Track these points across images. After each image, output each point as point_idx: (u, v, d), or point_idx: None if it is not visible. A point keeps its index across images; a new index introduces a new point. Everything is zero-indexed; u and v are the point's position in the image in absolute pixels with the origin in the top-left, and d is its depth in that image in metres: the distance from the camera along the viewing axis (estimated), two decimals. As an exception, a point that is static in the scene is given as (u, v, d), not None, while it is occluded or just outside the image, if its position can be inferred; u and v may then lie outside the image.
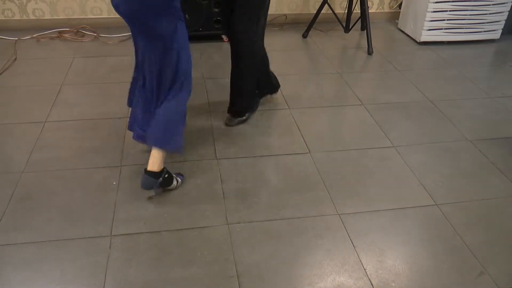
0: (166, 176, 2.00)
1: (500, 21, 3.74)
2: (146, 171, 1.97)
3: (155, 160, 1.95)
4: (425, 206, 2.06)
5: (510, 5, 3.67)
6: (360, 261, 1.77)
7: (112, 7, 1.91)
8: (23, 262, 1.71)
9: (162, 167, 1.99)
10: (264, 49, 2.56)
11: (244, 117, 2.60)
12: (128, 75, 3.05)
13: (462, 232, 1.92)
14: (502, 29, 3.79)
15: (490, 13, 3.68)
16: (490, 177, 2.26)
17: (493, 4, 3.64)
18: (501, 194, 2.15)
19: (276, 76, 2.78)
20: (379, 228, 1.93)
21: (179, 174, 2.13)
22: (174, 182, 2.06)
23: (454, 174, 2.27)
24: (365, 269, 1.74)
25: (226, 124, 2.57)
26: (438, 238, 1.89)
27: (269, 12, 3.99)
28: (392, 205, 2.05)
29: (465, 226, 1.95)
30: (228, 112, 2.60)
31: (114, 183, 2.11)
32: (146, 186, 1.98)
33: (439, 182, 2.21)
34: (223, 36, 3.64)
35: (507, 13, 3.71)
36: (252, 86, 2.56)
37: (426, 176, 2.24)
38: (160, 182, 1.98)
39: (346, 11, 3.77)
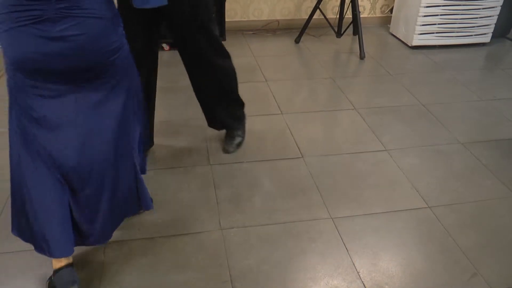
0: None
1: (490, 24, 3.78)
2: None
3: None
4: (418, 208, 2.08)
5: (500, 9, 3.71)
6: (354, 264, 1.78)
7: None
8: (17, 271, 1.71)
9: None
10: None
11: (238, 138, 2.42)
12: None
13: (455, 234, 1.93)
14: (492, 32, 3.83)
15: (480, 17, 3.72)
16: (482, 179, 2.28)
17: (483, 8, 3.68)
18: (493, 196, 2.17)
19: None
20: (372, 231, 1.94)
21: None
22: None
23: (447, 177, 2.29)
24: (358, 272, 1.74)
25: (226, 152, 2.40)
26: (431, 240, 1.91)
27: (262, 18, 4.06)
28: (385, 208, 2.06)
29: (457, 228, 1.97)
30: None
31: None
32: None
33: (432, 184, 2.22)
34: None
35: (496, 17, 3.75)
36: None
37: (418, 179, 2.26)
38: None
39: (338, 16, 3.80)
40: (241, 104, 2.37)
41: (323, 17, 3.76)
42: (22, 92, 1.42)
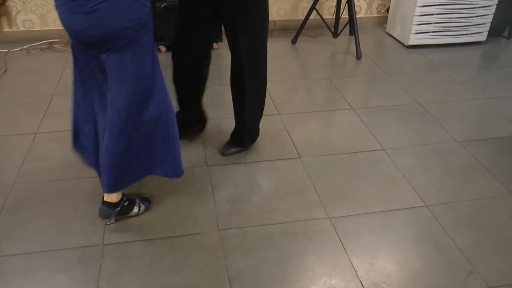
0: (125, 204, 1.95)
1: (485, 23, 3.79)
2: (103, 201, 1.91)
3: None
4: (415, 207, 2.08)
5: (495, 7, 3.72)
6: (351, 263, 1.78)
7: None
8: (16, 273, 1.71)
9: (120, 197, 1.92)
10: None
11: (241, 149, 2.42)
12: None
13: (451, 233, 1.94)
14: (488, 31, 3.84)
15: (476, 16, 3.73)
16: (478, 178, 2.29)
17: (478, 7, 3.69)
18: (489, 194, 2.17)
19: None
20: (369, 230, 1.95)
21: (144, 200, 2.04)
22: (135, 210, 1.98)
23: (444, 176, 2.29)
24: (356, 272, 1.75)
25: (222, 153, 2.40)
26: (428, 239, 1.91)
27: (259, 19, 4.05)
28: (383, 207, 2.07)
29: (454, 227, 1.98)
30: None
31: (105, 192, 2.12)
32: (103, 216, 1.93)
33: (429, 183, 2.23)
34: (213, 44, 3.66)
35: (492, 16, 3.76)
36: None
37: (416, 178, 2.26)
38: (118, 211, 1.93)
39: (334, 17, 3.80)
40: (259, 114, 2.38)
41: (319, 17, 3.77)
42: (77, 58, 1.72)
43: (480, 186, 2.23)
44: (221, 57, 3.54)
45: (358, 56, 3.59)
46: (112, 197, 1.90)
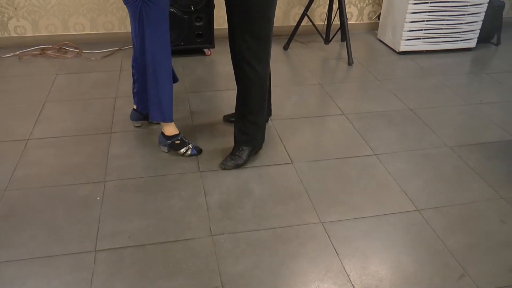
0: (176, 142, 2.38)
1: (475, 30, 3.84)
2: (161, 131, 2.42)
3: (163, 126, 2.39)
4: (407, 212, 2.10)
5: (484, 14, 3.77)
6: (344, 268, 1.79)
7: (94, 24, 1.88)
8: (7, 280, 1.70)
9: (173, 133, 2.38)
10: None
11: (239, 158, 2.35)
12: (111, 91, 3.07)
13: (443, 236, 1.96)
14: (477, 38, 3.89)
15: (465, 23, 3.78)
16: (469, 182, 2.31)
17: (467, 14, 3.74)
18: (480, 198, 2.20)
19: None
20: (362, 235, 1.96)
21: (195, 147, 2.42)
22: (182, 150, 2.39)
23: (435, 180, 2.31)
24: (348, 276, 1.76)
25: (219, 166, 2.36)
26: (420, 242, 1.93)
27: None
28: (375, 212, 2.08)
29: (446, 230, 1.99)
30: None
31: (98, 198, 2.11)
32: (158, 142, 2.46)
33: (421, 188, 2.25)
34: (205, 50, 3.67)
35: (481, 23, 3.81)
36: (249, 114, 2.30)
37: (407, 182, 2.28)
38: (169, 144, 2.40)
39: (325, 23, 3.83)
40: (254, 124, 2.31)
41: (311, 23, 3.80)
42: None
43: (471, 190, 2.25)
44: (214, 63, 3.55)
45: (350, 62, 3.62)
46: (165, 130, 2.38)
